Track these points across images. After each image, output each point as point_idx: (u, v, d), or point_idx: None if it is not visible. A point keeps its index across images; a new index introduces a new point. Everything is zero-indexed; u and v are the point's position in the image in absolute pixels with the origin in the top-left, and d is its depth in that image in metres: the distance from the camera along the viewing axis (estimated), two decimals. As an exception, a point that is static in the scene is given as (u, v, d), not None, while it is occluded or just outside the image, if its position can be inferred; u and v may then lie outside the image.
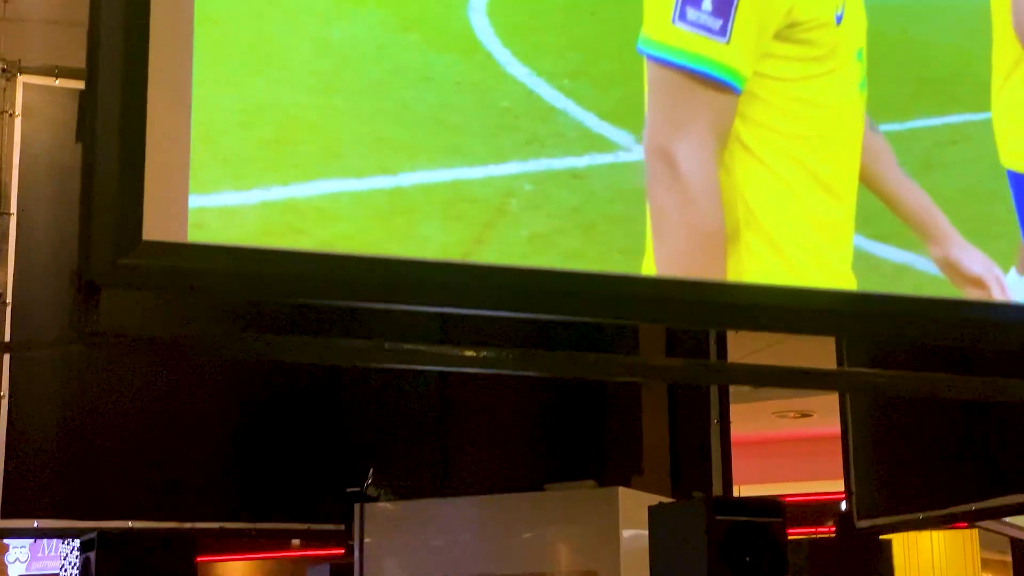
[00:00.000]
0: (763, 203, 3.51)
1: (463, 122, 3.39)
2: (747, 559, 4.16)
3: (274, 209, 3.14)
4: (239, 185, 3.11)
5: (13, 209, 5.99)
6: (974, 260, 3.73)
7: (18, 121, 6.08)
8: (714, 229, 3.44)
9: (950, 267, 3.73)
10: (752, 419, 13.93)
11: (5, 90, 6.09)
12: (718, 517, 4.13)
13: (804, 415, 15.62)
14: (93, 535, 4.70)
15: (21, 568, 18.70)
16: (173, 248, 3.00)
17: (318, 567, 6.14)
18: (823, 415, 15.11)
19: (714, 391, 6.10)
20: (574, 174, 3.47)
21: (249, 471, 6.21)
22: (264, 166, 3.16)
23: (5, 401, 5.84)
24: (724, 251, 3.45)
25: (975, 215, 3.87)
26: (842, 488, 6.73)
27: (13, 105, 6.09)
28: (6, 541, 18.61)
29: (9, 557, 18.80)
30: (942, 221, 3.73)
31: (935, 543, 16.20)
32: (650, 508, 4.40)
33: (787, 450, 15.52)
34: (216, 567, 21.26)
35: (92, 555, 4.69)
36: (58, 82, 6.08)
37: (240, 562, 21.24)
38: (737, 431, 6.20)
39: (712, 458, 5.95)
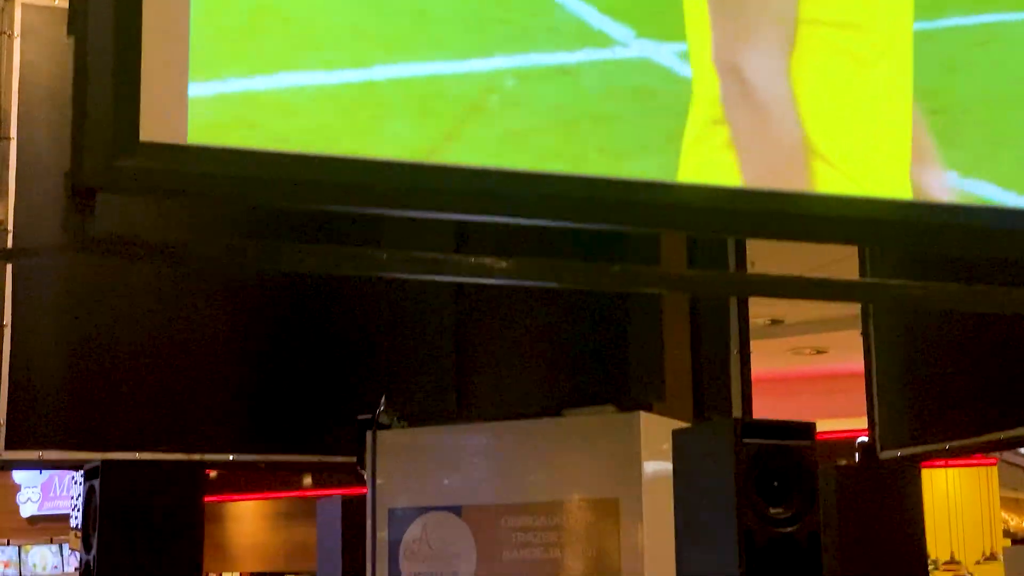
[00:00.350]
0: (817, 108, 3.37)
1: (450, 14, 3.22)
2: (776, 484, 4.00)
3: (231, 102, 2.96)
4: (196, 76, 2.94)
5: (13, 133, 5.83)
6: (939, 183, 3.57)
7: (17, 42, 5.91)
8: (792, 138, 3.30)
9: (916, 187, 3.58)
10: (768, 356, 13.82)
11: (3, 11, 5.91)
12: (746, 440, 3.96)
13: (820, 351, 15.55)
14: (97, 463, 4.55)
15: (33, 508, 18.76)
16: (171, 150, 2.83)
17: (329, 499, 6.00)
18: (839, 352, 15.07)
19: (734, 321, 5.95)
20: (563, 70, 3.31)
21: (258, 401, 6.07)
22: (227, 57, 2.98)
23: (8, 331, 5.71)
24: (806, 161, 3.31)
25: (994, 120, 3.70)
26: (859, 426, 6.57)
27: (12, 26, 5.91)
28: (17, 481, 18.69)
29: (21, 497, 18.86)
30: (924, 136, 3.57)
31: (951, 481, 16.13)
32: (674, 432, 4.23)
33: (803, 388, 15.45)
34: (227, 507, 21.45)
35: (96, 483, 4.55)
36: (57, 2, 5.89)
37: (251, 502, 21.41)
38: (753, 368, 6.05)
39: (732, 388, 5.80)
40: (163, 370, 5.99)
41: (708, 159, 3.34)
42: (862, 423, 6.59)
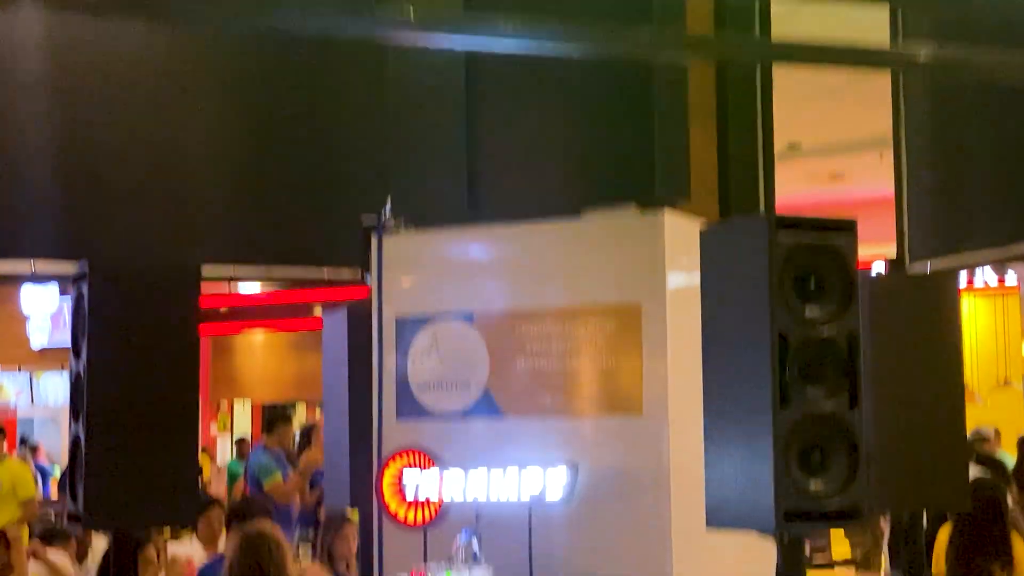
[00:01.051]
0: None
1: None
2: (812, 283, 3.70)
3: None
4: None
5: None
6: None
7: None
8: None
9: None
10: (785, 182, 13.56)
11: None
12: (781, 236, 3.65)
13: (836, 176, 15.29)
14: (85, 267, 4.24)
15: (43, 339, 18.71)
16: None
17: (334, 310, 5.74)
18: (856, 177, 14.81)
19: (758, 133, 5.64)
20: None
21: (258, 209, 5.78)
22: None
23: (-6, 135, 5.44)
24: None
25: None
26: (876, 253, 6.29)
27: None
28: (26, 313, 18.63)
29: (30, 328, 18.81)
30: None
31: (966, 309, 15.98)
32: (702, 231, 3.91)
33: (819, 216, 15.21)
34: (237, 339, 21.52)
35: (84, 287, 4.25)
36: None
37: (262, 334, 21.48)
38: (769, 196, 5.74)
39: (760, 191, 5.51)
40: (159, 177, 5.73)
41: None
42: (878, 250, 6.31)
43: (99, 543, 7.65)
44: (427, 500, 4.84)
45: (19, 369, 19.60)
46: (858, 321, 3.71)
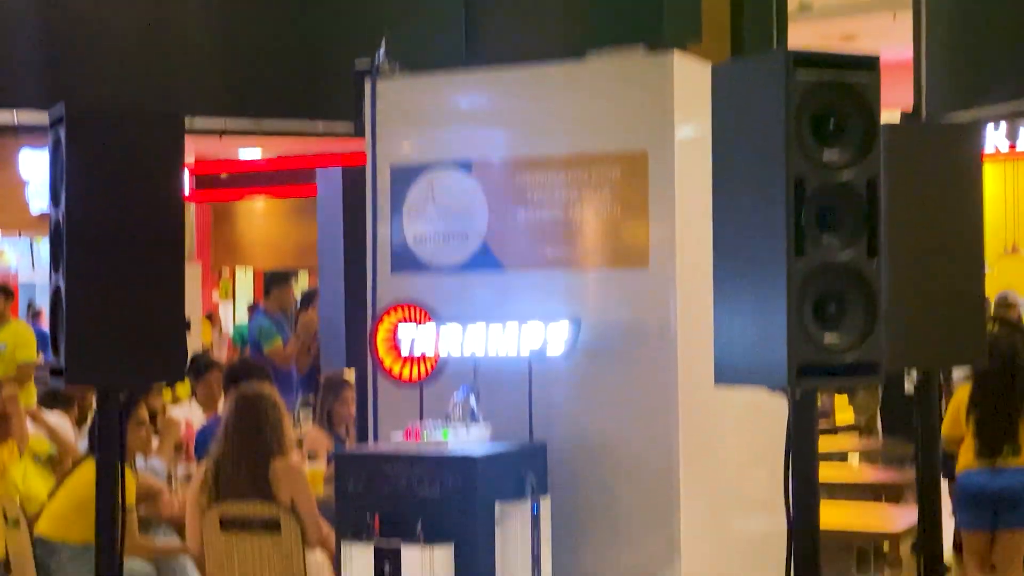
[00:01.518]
0: None
1: None
2: (831, 125, 3.48)
3: None
4: None
5: None
6: None
7: None
8: None
9: None
10: (795, 43, 13.33)
11: None
12: (799, 73, 3.42)
13: (848, 38, 15.03)
14: (62, 110, 4.02)
15: (42, 204, 18.59)
16: None
17: (329, 170, 5.52)
18: (868, 39, 14.55)
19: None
20: None
21: (250, 58, 5.56)
22: None
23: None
24: None
25: None
26: (887, 117, 6.06)
27: None
28: (25, 178, 18.46)
29: (29, 193, 18.69)
30: None
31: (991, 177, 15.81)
32: (714, 68, 3.68)
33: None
34: (238, 205, 21.38)
35: (62, 131, 4.03)
36: None
37: (262, 201, 21.33)
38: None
39: (773, 36, 5.25)
40: (148, 27, 5.52)
41: None
42: (890, 114, 6.08)
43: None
44: (423, 356, 4.67)
45: (19, 234, 19.51)
46: (879, 166, 3.50)
